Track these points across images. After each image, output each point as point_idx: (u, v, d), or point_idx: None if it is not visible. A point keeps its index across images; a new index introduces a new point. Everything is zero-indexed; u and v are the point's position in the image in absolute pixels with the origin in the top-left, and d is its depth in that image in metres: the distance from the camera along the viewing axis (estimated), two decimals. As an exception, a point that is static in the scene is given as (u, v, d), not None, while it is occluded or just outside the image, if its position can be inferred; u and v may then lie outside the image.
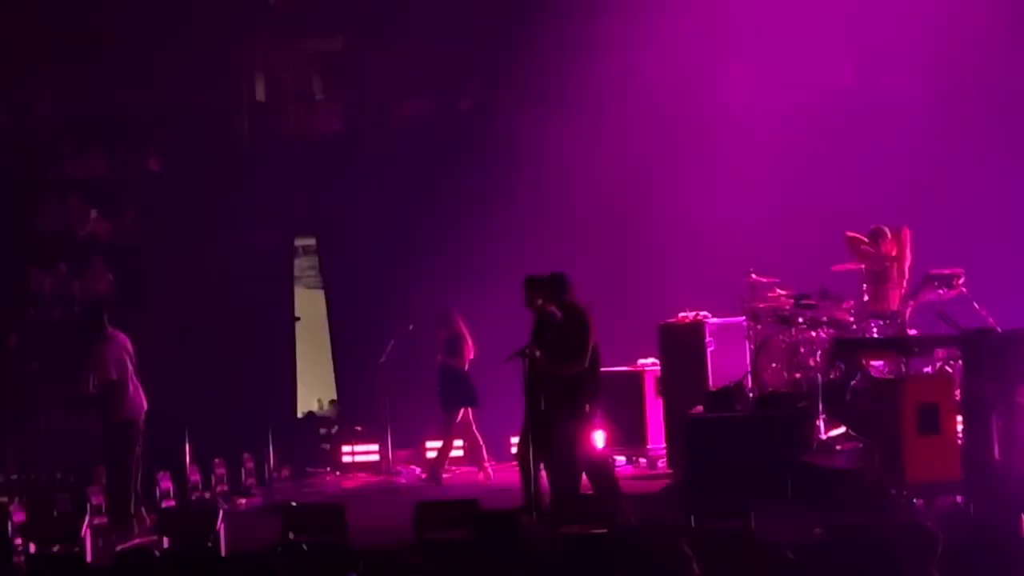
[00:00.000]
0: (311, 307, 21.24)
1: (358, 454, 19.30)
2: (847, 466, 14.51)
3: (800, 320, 16.12)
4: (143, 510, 14.95)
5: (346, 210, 20.84)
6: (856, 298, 16.26)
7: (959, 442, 13.45)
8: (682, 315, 17.10)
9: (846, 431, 15.01)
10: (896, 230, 16.48)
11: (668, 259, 18.83)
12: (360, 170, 21.07)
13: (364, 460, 19.21)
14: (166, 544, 12.37)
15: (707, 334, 16.79)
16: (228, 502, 16.27)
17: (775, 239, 18.08)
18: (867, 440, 14.44)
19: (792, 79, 19.54)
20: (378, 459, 19.00)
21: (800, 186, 18.63)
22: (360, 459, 19.25)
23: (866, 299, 16.34)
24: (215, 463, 16.69)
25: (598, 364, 14.11)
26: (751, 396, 16.01)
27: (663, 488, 15.70)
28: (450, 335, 17.78)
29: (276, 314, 20.33)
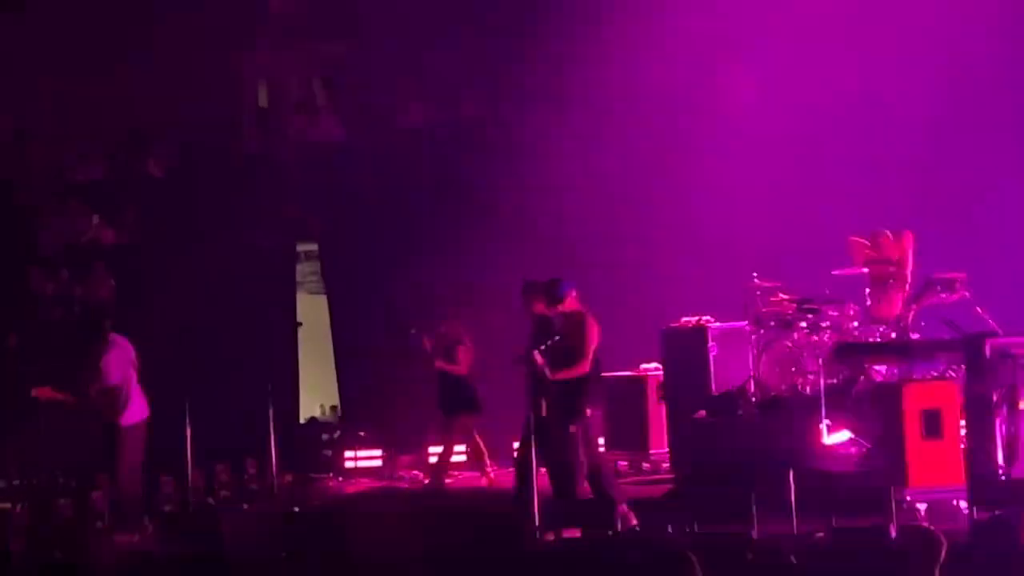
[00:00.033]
0: (313, 312, 21.19)
1: (361, 459, 19.30)
2: (850, 470, 14.50)
3: (803, 324, 16.12)
4: (144, 515, 14.94)
5: (348, 216, 20.84)
6: (859, 302, 16.25)
7: (962, 446, 13.45)
8: (685, 319, 17.08)
9: (849, 435, 15.00)
10: (898, 233, 16.47)
11: (670, 263, 18.83)
12: (362, 176, 21.06)
13: (367, 465, 19.22)
14: (167, 549, 12.35)
15: (710, 338, 16.76)
16: (230, 507, 16.25)
17: (778, 243, 18.06)
18: (870, 444, 14.42)
19: (796, 83, 19.49)
20: (381, 464, 19.01)
21: (803, 190, 18.61)
22: (363, 464, 19.26)
23: (869, 303, 16.34)
24: (217, 468, 16.67)
25: (599, 368, 14.10)
26: (754, 400, 16.00)
27: (666, 492, 15.68)
28: (451, 341, 17.76)
29: (277, 316, 20.30)
